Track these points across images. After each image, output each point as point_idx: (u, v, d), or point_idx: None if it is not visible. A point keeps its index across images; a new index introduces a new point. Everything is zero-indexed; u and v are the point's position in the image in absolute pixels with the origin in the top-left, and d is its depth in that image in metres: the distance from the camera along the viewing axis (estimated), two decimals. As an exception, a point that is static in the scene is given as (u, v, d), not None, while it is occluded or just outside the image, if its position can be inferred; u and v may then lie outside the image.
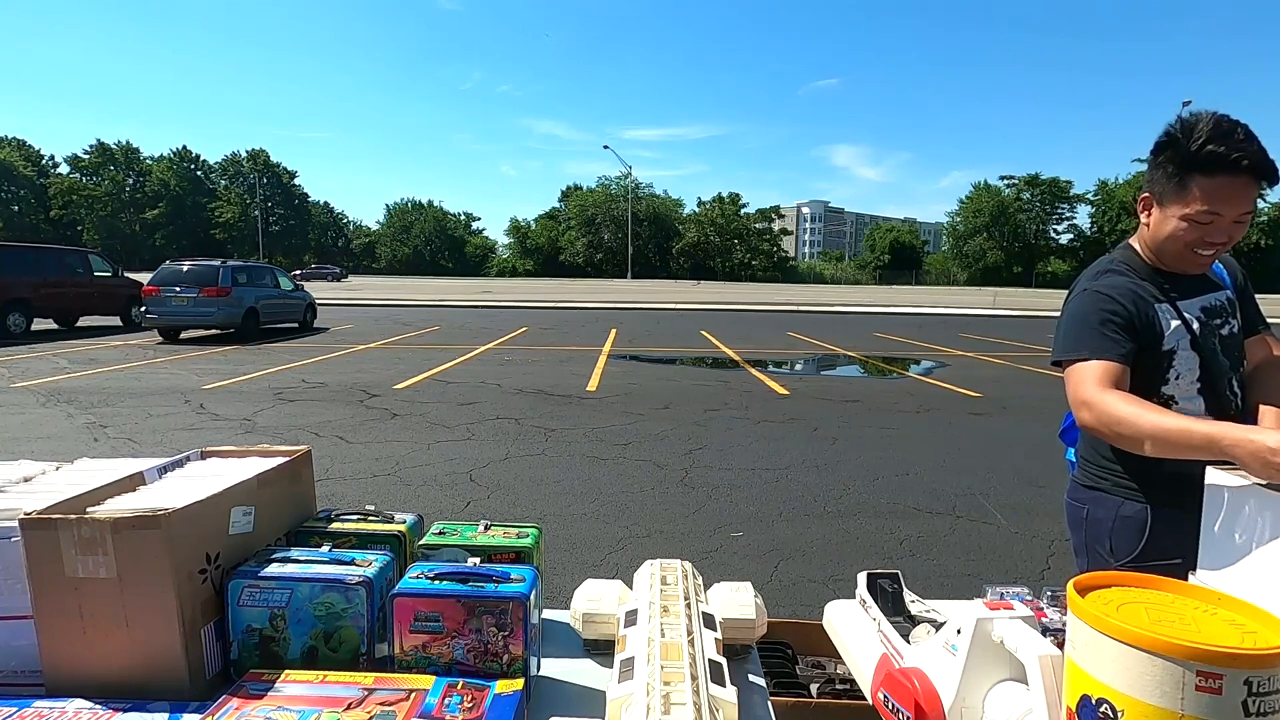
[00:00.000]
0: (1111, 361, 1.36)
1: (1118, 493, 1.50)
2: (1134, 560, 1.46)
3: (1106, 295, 1.42)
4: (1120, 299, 1.41)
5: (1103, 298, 1.42)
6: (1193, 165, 1.31)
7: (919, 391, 8.81)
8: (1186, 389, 1.43)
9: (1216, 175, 1.29)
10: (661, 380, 9.38)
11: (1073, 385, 1.39)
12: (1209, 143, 1.28)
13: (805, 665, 1.86)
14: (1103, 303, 1.42)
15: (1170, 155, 1.35)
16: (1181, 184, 1.34)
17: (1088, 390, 1.34)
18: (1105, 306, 1.41)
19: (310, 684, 0.85)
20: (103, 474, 1.06)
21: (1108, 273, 1.48)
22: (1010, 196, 72.35)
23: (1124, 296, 1.42)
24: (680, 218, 76.89)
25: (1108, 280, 1.46)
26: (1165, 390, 1.43)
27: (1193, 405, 1.42)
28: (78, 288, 14.09)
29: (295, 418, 6.63)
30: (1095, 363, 1.37)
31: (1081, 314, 1.44)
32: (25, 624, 0.87)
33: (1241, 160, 1.26)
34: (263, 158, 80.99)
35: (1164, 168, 1.37)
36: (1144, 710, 0.70)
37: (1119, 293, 1.42)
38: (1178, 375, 1.42)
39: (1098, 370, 1.36)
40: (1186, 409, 1.40)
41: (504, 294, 31.98)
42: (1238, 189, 1.30)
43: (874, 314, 23.99)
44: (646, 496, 4.51)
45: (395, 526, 1.14)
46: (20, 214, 70.41)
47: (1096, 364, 1.36)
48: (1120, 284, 1.44)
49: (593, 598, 1.10)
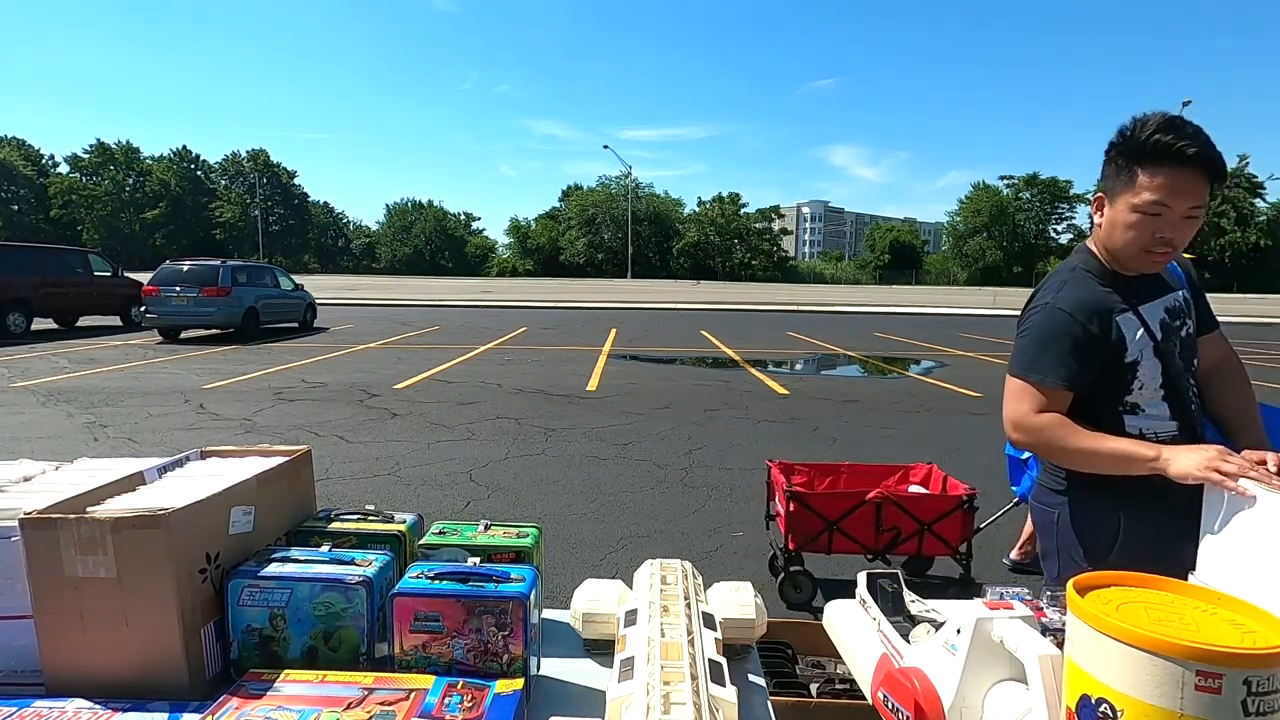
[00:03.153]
0: (1059, 389, 1.41)
1: (1087, 494, 1.48)
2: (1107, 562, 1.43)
3: (1069, 315, 1.41)
4: (1082, 318, 1.41)
5: (1065, 317, 1.42)
6: (1141, 155, 1.31)
7: (919, 391, 8.81)
8: (1151, 396, 1.43)
9: (1164, 165, 1.29)
10: (661, 380, 9.38)
11: (1019, 407, 1.44)
12: (1157, 132, 1.29)
13: (805, 665, 1.86)
14: (1065, 323, 1.41)
15: (1120, 149, 1.36)
16: (1130, 175, 1.34)
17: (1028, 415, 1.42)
18: (1067, 328, 1.41)
19: (310, 684, 0.85)
20: (103, 474, 1.06)
21: (1068, 284, 1.46)
22: (1009, 196, 72.36)
23: (1086, 314, 1.41)
24: (680, 218, 76.87)
25: (1070, 294, 1.44)
26: (1129, 399, 1.43)
27: (1158, 410, 1.43)
28: (78, 287, 14.09)
29: (295, 418, 6.63)
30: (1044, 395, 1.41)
31: (1042, 333, 1.44)
32: (25, 624, 0.87)
33: (1188, 149, 1.26)
34: (263, 158, 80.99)
35: (1114, 162, 1.37)
36: (1144, 710, 0.70)
37: (1082, 311, 1.41)
38: (1141, 385, 1.42)
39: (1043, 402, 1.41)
40: (1152, 414, 1.42)
41: (504, 294, 31.98)
42: (1186, 181, 1.29)
43: (874, 314, 23.99)
44: (646, 496, 4.51)
45: (395, 526, 1.14)
46: (20, 214, 70.39)
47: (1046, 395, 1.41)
48: (1083, 299, 1.42)
49: (593, 597, 1.10)
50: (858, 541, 3.07)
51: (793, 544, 3.08)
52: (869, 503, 3.03)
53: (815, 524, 3.06)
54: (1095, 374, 1.41)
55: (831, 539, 3.06)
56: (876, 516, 3.04)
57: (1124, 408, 1.43)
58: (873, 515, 3.04)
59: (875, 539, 3.06)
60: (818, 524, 3.05)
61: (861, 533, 3.06)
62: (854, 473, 3.44)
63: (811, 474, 3.43)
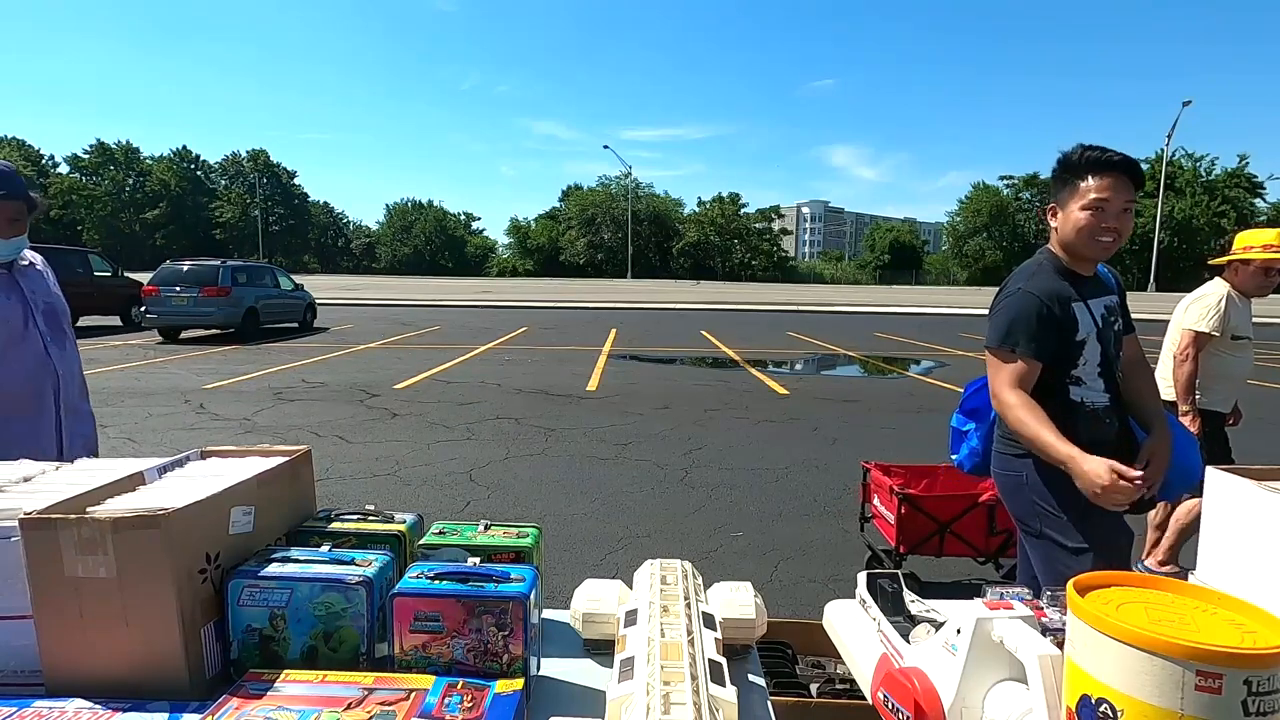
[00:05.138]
0: (1031, 360, 1.73)
1: None
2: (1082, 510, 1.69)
3: (1038, 298, 1.74)
4: (1049, 302, 1.74)
5: (1036, 300, 1.74)
6: (1080, 168, 1.73)
7: (919, 391, 8.81)
8: (1091, 371, 1.78)
9: (1099, 172, 1.70)
10: (661, 380, 9.38)
11: (997, 377, 1.77)
12: (1089, 150, 1.73)
13: (805, 665, 1.86)
14: (1035, 306, 1.74)
15: (1063, 168, 1.78)
16: (1074, 185, 1.74)
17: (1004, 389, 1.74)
18: (1037, 310, 1.73)
19: (310, 684, 0.85)
20: (103, 474, 1.05)
21: (1035, 275, 1.81)
22: (1009, 196, 72.31)
23: (1052, 299, 1.74)
24: (680, 217, 76.80)
25: (1040, 283, 1.78)
26: (1075, 372, 1.77)
27: (1095, 384, 1.79)
28: (77, 287, 14.01)
29: (295, 417, 6.63)
30: (1018, 363, 1.74)
31: (1017, 312, 1.76)
32: (25, 624, 0.87)
33: (1113, 158, 1.70)
34: (263, 158, 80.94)
35: (1060, 179, 1.79)
36: (1144, 710, 0.70)
37: (1049, 296, 1.75)
38: (1085, 361, 1.77)
39: (1019, 370, 1.74)
40: (1091, 387, 1.79)
41: (504, 294, 31.98)
42: (1116, 182, 1.69)
43: (874, 314, 23.99)
44: (646, 496, 4.51)
45: (395, 526, 1.14)
46: (20, 214, 70.24)
47: (1019, 364, 1.74)
48: (1049, 287, 1.76)
49: (593, 598, 1.10)
50: (970, 544, 2.98)
51: (903, 547, 2.99)
52: (982, 505, 2.94)
53: (926, 526, 2.96)
54: (1054, 349, 1.74)
55: (943, 542, 2.98)
56: (989, 519, 2.95)
57: (1070, 380, 1.77)
58: (985, 518, 2.95)
59: (986, 542, 2.98)
60: (928, 526, 2.96)
61: (974, 535, 2.97)
62: (951, 474, 3.33)
63: (908, 475, 3.34)
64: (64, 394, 1.96)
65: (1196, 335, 3.12)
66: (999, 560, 3.08)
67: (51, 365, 1.92)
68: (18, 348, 1.85)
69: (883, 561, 3.22)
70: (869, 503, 3.38)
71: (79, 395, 2.06)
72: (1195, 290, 3.30)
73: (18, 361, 1.84)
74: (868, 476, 3.37)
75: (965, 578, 3.34)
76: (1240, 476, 1.03)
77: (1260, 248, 3.09)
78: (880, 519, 3.21)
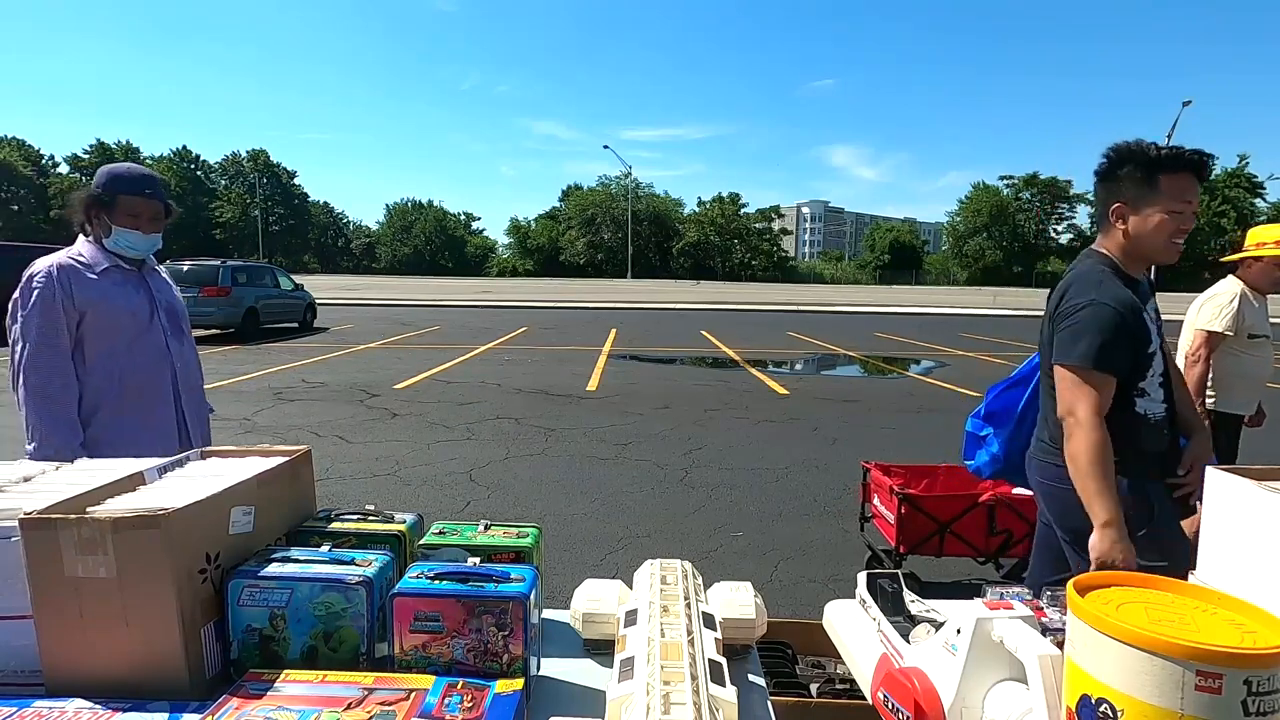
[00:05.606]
0: (1113, 378, 1.61)
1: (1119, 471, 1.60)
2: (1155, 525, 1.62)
3: (1119, 311, 1.62)
4: (1127, 314, 1.62)
5: (1117, 313, 1.61)
6: (1162, 166, 1.60)
7: (919, 391, 8.81)
8: (1154, 383, 1.68)
9: (1182, 171, 1.60)
10: (661, 380, 9.38)
11: (1079, 398, 1.60)
12: (1171, 148, 1.61)
13: (805, 665, 1.86)
14: (1117, 319, 1.61)
15: (1141, 166, 1.63)
16: (1153, 184, 1.61)
17: (1089, 411, 1.58)
18: (1116, 322, 1.61)
19: (310, 684, 0.85)
20: (103, 474, 1.06)
21: (1104, 283, 1.67)
22: (1009, 196, 72.33)
23: (1127, 310, 1.63)
24: (680, 217, 76.79)
25: (1113, 292, 1.64)
26: (1142, 384, 1.67)
27: (1157, 395, 1.69)
28: (78, 288, 14.06)
29: (295, 417, 6.63)
30: (1102, 382, 1.60)
31: (1100, 327, 1.61)
32: (25, 624, 0.87)
33: (1196, 156, 1.60)
34: (263, 158, 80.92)
35: (1133, 178, 1.64)
36: (1144, 710, 0.70)
37: (1125, 307, 1.62)
38: (1152, 372, 1.68)
39: (1103, 390, 1.60)
40: (1153, 398, 1.69)
41: (504, 294, 31.98)
42: (1194, 181, 1.62)
43: (874, 314, 23.99)
44: (646, 496, 4.51)
45: (395, 526, 1.14)
46: (20, 214, 70.28)
47: (1103, 383, 1.60)
48: (1122, 297, 1.64)
49: (593, 598, 1.10)
50: (970, 544, 2.99)
51: (903, 547, 3.00)
52: (982, 505, 2.95)
53: (926, 526, 2.97)
54: (1131, 363, 1.64)
55: (943, 542, 2.98)
56: (989, 519, 2.95)
57: (1137, 392, 1.67)
58: (985, 518, 2.95)
59: (986, 542, 2.98)
60: (929, 526, 2.97)
61: (974, 535, 2.98)
62: (951, 474, 3.34)
63: (908, 475, 3.34)
64: (182, 385, 2.13)
65: (1209, 335, 3.06)
66: (999, 560, 3.08)
67: (170, 359, 2.09)
68: (143, 339, 2.02)
69: (883, 561, 3.22)
70: (869, 503, 3.38)
71: (198, 389, 2.24)
72: (1208, 289, 3.27)
73: (142, 353, 2.02)
74: (868, 476, 3.37)
75: (965, 578, 3.34)
76: (1240, 476, 1.03)
77: (1274, 244, 3.07)
78: (880, 519, 3.21)
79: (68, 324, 1.90)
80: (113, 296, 1.96)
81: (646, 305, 26.04)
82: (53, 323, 1.88)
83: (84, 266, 1.94)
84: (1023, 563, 3.31)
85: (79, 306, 1.90)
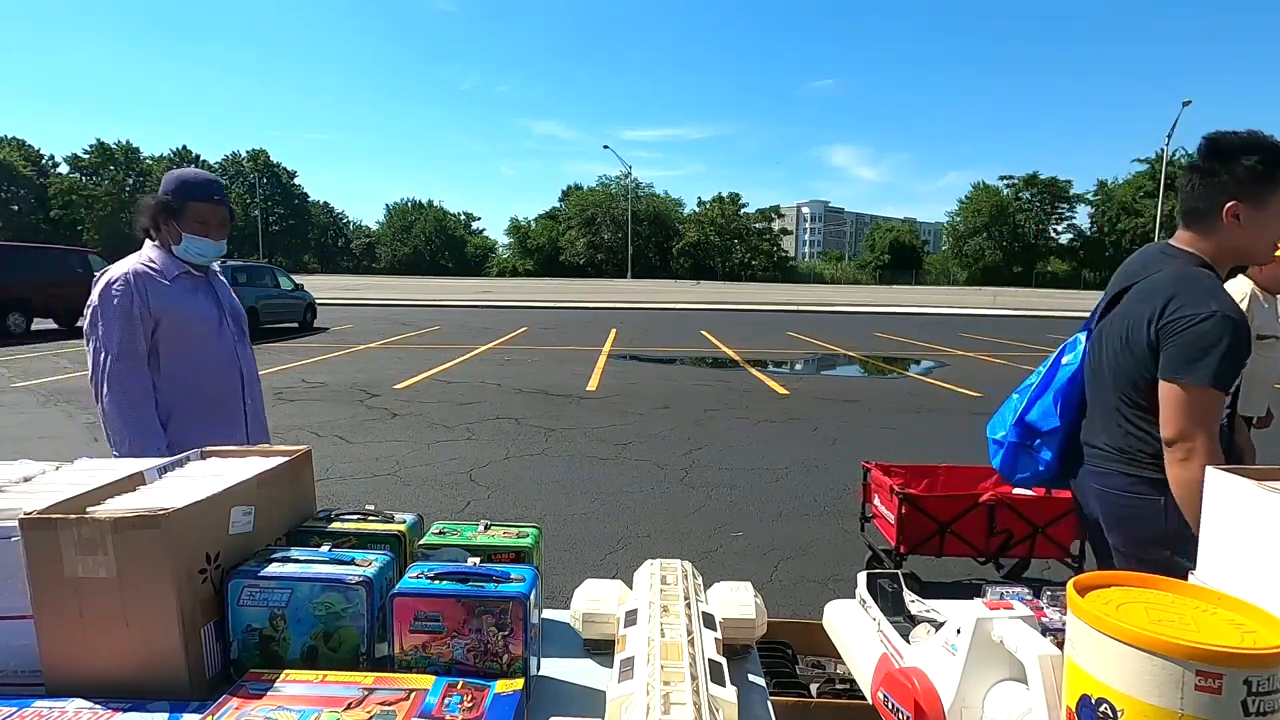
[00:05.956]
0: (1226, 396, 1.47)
1: None
2: None
3: (1240, 324, 1.46)
4: (1244, 328, 1.46)
5: (1239, 328, 1.45)
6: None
7: (919, 391, 8.81)
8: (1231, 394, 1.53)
9: None
10: (661, 380, 9.38)
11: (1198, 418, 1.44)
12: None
13: (805, 665, 1.86)
14: (1244, 333, 1.46)
15: (1261, 156, 1.44)
16: (1275, 181, 1.45)
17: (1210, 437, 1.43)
18: (1244, 337, 1.45)
19: (310, 684, 0.85)
20: (103, 474, 1.05)
21: (1218, 291, 1.50)
22: (1009, 196, 72.36)
23: (1245, 324, 1.48)
24: (680, 217, 76.83)
25: (1229, 303, 1.48)
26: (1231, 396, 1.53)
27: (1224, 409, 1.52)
28: (78, 288, 14.06)
29: (295, 418, 6.63)
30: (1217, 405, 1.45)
31: (1224, 343, 1.44)
32: (25, 624, 0.87)
33: None
34: (263, 158, 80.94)
35: (1252, 170, 1.45)
36: (1144, 710, 0.70)
37: (1243, 321, 1.47)
38: (1240, 382, 1.52)
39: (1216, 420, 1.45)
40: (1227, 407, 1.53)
41: (504, 294, 31.98)
42: None
43: (874, 314, 23.99)
44: (646, 496, 4.51)
45: (395, 526, 1.14)
46: (20, 214, 70.27)
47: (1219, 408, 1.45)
48: (1239, 308, 1.49)
49: (593, 598, 1.10)
50: (970, 544, 2.99)
51: (904, 547, 3.00)
52: (982, 505, 2.95)
53: (927, 527, 2.97)
54: None
55: (943, 542, 2.98)
56: (989, 519, 2.96)
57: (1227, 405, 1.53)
58: (985, 518, 2.96)
59: (987, 542, 2.99)
60: (929, 527, 2.97)
61: (974, 535, 2.98)
62: (951, 474, 3.35)
63: (908, 475, 3.35)
64: (249, 390, 2.15)
65: None
66: (999, 560, 3.08)
67: (239, 363, 2.11)
68: (214, 345, 2.04)
69: (883, 561, 3.22)
70: (869, 503, 3.38)
71: (259, 392, 2.25)
72: None
73: (214, 358, 2.04)
74: (868, 476, 3.37)
75: (965, 578, 3.34)
76: (1240, 476, 1.03)
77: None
78: (880, 519, 3.21)
79: (144, 331, 1.91)
80: (185, 304, 1.98)
81: (646, 305, 26.04)
82: (132, 332, 1.89)
83: (157, 274, 1.95)
84: (1023, 563, 3.31)
85: (154, 314, 1.91)
